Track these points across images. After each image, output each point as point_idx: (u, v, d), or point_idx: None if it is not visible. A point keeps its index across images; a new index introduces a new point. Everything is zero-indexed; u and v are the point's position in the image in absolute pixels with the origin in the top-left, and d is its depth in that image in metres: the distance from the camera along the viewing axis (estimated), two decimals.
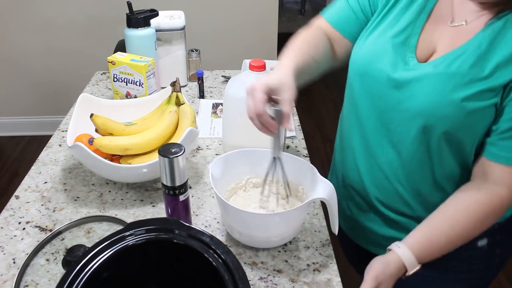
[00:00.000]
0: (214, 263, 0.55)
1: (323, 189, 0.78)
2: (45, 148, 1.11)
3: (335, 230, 0.81)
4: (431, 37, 0.79)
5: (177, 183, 0.73)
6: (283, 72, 0.77)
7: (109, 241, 0.58)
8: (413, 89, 0.76)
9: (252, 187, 0.90)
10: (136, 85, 1.21)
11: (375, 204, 0.90)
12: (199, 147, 1.12)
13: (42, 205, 0.93)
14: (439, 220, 0.76)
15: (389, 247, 0.75)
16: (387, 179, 0.85)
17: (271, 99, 0.73)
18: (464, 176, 0.80)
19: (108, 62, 1.21)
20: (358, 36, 0.90)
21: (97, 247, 0.57)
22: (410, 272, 0.73)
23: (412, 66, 0.78)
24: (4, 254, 0.81)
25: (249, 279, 0.59)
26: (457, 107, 0.72)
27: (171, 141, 0.97)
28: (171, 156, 0.69)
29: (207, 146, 1.13)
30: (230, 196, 0.87)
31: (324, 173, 0.80)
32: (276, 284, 0.76)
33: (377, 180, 0.87)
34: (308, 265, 0.79)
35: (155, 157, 0.91)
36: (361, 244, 0.99)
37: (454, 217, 0.75)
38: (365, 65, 0.83)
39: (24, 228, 0.87)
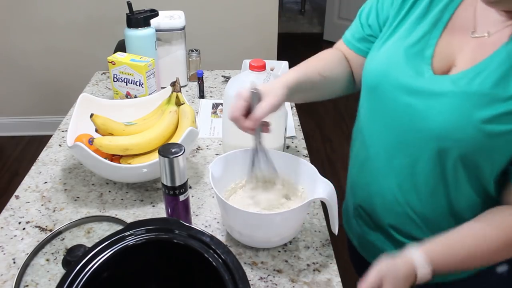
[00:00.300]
0: (214, 263, 0.55)
1: (323, 189, 0.78)
2: (45, 148, 1.11)
3: (335, 230, 0.81)
4: (449, 49, 0.73)
5: (177, 183, 0.73)
6: (276, 81, 0.79)
7: (109, 241, 0.58)
8: (428, 106, 0.71)
9: None
10: (136, 85, 1.21)
11: (385, 227, 0.85)
12: (199, 147, 1.12)
13: (42, 205, 0.93)
14: (464, 232, 0.70)
15: (405, 248, 0.70)
16: (398, 202, 0.80)
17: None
18: (484, 204, 0.75)
19: (108, 62, 1.21)
20: (367, 51, 0.87)
21: (97, 247, 0.57)
22: (420, 274, 0.67)
23: (427, 77, 0.72)
24: (4, 254, 0.81)
25: (249, 279, 0.59)
26: (476, 129, 0.66)
27: (171, 141, 0.97)
28: (171, 156, 0.69)
29: (207, 146, 1.13)
30: (229, 195, 0.88)
31: (324, 173, 0.79)
32: (276, 284, 0.76)
33: (387, 203, 0.82)
34: (308, 265, 0.79)
35: (155, 157, 0.91)
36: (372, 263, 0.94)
37: (480, 232, 0.69)
38: (376, 77, 0.79)
39: (24, 228, 0.87)
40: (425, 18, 0.76)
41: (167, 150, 0.70)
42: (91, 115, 0.94)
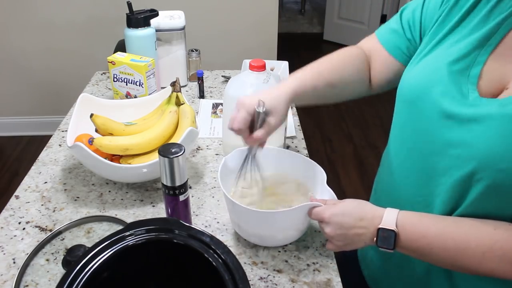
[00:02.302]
0: (214, 263, 0.55)
1: (328, 197, 0.80)
2: (45, 148, 1.11)
3: None
4: (501, 69, 0.65)
5: (177, 183, 0.73)
6: (280, 94, 0.76)
7: (109, 241, 0.58)
8: (468, 130, 0.63)
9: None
10: (136, 85, 1.21)
11: (404, 263, 0.80)
12: (199, 147, 1.12)
13: (42, 205, 0.93)
14: (447, 218, 0.67)
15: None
16: None
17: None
18: None
19: (108, 62, 1.21)
20: (401, 54, 0.82)
21: (97, 247, 0.57)
22: (385, 220, 0.66)
23: (472, 100, 0.65)
24: (4, 254, 0.81)
25: (249, 279, 0.59)
26: None
27: (171, 141, 0.97)
28: (171, 156, 0.69)
29: (207, 146, 1.13)
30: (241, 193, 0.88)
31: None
32: (276, 284, 0.76)
33: None
34: (308, 265, 0.79)
35: (155, 157, 0.91)
36: None
37: (464, 222, 0.64)
38: (414, 92, 0.72)
39: (24, 228, 0.87)
40: (475, 32, 0.68)
41: (167, 150, 0.70)
42: (91, 115, 0.94)
